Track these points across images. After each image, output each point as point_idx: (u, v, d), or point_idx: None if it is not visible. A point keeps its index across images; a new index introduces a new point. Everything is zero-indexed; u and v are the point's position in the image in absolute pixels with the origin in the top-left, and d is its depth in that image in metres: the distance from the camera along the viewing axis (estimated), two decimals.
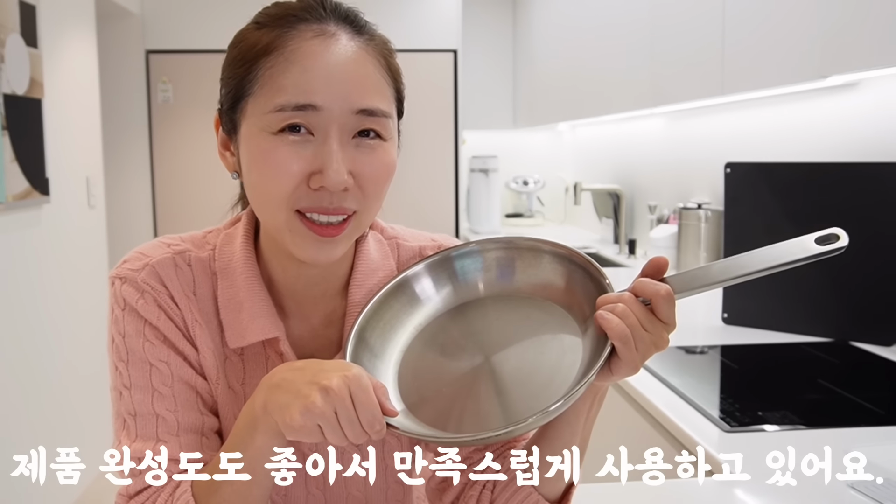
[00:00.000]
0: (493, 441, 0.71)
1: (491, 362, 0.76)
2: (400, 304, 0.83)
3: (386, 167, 0.78)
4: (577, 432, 0.79)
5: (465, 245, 0.86)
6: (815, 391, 1.45)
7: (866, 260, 1.66)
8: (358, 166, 0.75)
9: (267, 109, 0.73)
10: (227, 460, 0.74)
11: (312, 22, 0.75)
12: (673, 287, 0.71)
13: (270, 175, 0.74)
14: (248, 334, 0.82)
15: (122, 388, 0.80)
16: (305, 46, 0.74)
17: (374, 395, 0.67)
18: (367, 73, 0.76)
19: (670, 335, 0.73)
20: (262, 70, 0.74)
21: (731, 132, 2.59)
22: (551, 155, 4.76)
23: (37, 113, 2.66)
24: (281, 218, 0.75)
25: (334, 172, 0.72)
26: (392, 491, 0.91)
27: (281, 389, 0.69)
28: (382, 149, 0.77)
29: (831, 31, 1.57)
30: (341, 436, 0.67)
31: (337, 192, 0.74)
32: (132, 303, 0.81)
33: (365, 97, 0.75)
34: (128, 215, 4.06)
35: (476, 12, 4.56)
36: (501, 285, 0.83)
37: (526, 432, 0.72)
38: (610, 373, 0.72)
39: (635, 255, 3.26)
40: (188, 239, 0.87)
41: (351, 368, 0.69)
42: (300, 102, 0.72)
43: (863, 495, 1.00)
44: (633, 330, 0.69)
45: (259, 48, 0.75)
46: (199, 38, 3.97)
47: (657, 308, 0.71)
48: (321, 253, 0.76)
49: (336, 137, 0.73)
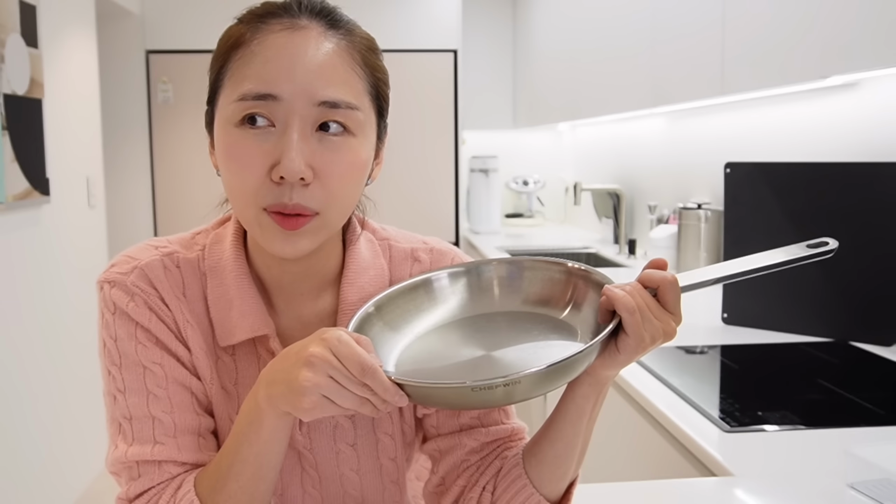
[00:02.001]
0: (494, 391, 0.65)
1: (491, 355, 0.77)
2: (422, 298, 0.84)
3: (350, 164, 0.76)
4: (580, 432, 0.79)
5: (486, 261, 0.87)
6: (815, 391, 1.45)
7: (866, 260, 1.66)
8: (319, 161, 0.74)
9: (231, 100, 0.74)
10: (233, 457, 0.74)
11: (283, 17, 0.76)
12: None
13: (234, 170, 0.74)
14: (239, 332, 0.82)
15: (116, 393, 0.80)
16: (271, 38, 0.74)
17: (355, 346, 0.67)
18: (332, 64, 0.75)
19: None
20: (232, 62, 0.75)
21: (731, 132, 2.59)
22: (551, 155, 4.76)
23: (37, 113, 2.66)
24: (251, 213, 0.76)
25: (290, 161, 0.72)
26: (388, 492, 0.90)
27: (276, 382, 0.70)
28: (348, 145, 0.76)
29: (831, 31, 1.57)
30: (350, 396, 0.67)
31: (297, 184, 0.73)
32: (122, 306, 0.80)
33: (328, 88, 0.74)
34: (128, 215, 4.06)
35: (476, 12, 4.56)
36: (510, 300, 0.84)
37: (524, 392, 0.65)
38: (617, 351, 0.72)
39: (635, 256, 3.26)
40: (176, 241, 0.87)
41: (326, 332, 0.69)
42: (260, 92, 0.73)
43: (863, 495, 1.00)
44: (640, 310, 0.70)
45: (231, 42, 0.76)
46: (199, 38, 3.97)
47: (664, 295, 0.72)
48: (287, 246, 0.75)
49: (296, 128, 0.73)
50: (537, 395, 0.68)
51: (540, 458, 0.81)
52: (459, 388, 0.66)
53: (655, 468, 1.39)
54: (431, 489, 0.89)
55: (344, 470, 0.88)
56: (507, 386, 0.64)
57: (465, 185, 4.38)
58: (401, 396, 0.67)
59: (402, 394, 0.67)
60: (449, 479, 0.88)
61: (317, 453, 0.86)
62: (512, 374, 0.64)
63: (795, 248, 0.76)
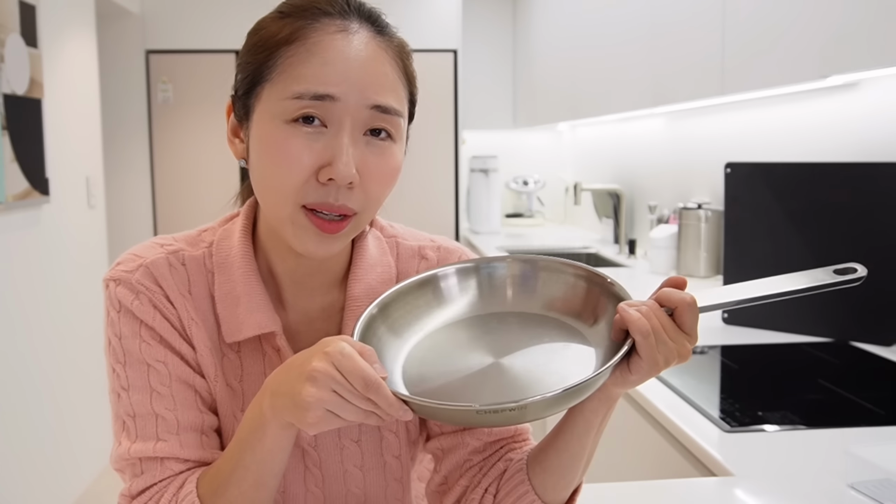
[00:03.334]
0: (500, 415, 0.64)
1: (500, 363, 0.75)
2: (428, 297, 0.83)
3: (392, 170, 0.78)
4: (587, 445, 0.79)
5: (497, 258, 0.85)
6: (815, 391, 1.45)
7: (866, 260, 1.65)
8: (365, 165, 0.75)
9: (283, 97, 0.74)
10: (236, 463, 0.74)
11: (336, 17, 0.76)
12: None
13: (281, 165, 0.74)
14: (246, 328, 0.82)
15: (121, 390, 0.80)
16: (328, 40, 0.75)
17: (358, 360, 0.66)
18: (384, 71, 0.77)
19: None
20: (281, 58, 0.75)
21: (731, 132, 2.59)
22: (551, 155, 4.76)
23: (37, 113, 2.66)
24: (286, 210, 0.76)
25: (343, 165, 0.73)
26: (391, 489, 0.91)
27: (280, 394, 0.69)
28: (391, 151, 0.78)
29: (831, 31, 1.57)
30: (354, 409, 0.66)
31: (343, 186, 0.74)
32: (127, 304, 0.81)
33: (380, 93, 0.75)
34: (128, 215, 4.06)
35: (476, 12, 4.56)
36: (523, 301, 0.82)
37: (531, 416, 0.64)
38: (629, 372, 0.71)
39: (635, 256, 3.26)
40: (181, 238, 0.87)
41: (329, 344, 0.68)
42: (318, 92, 0.73)
43: (863, 495, 1.00)
44: (655, 332, 0.68)
45: (281, 37, 0.76)
46: (199, 38, 3.98)
47: (681, 316, 0.70)
48: (320, 248, 0.76)
49: (348, 131, 0.74)
50: (545, 417, 0.67)
51: (545, 467, 0.81)
52: (465, 411, 0.65)
53: (655, 468, 1.39)
54: (434, 488, 0.89)
55: (348, 466, 0.88)
56: (512, 410, 0.63)
57: (465, 185, 4.38)
58: (405, 411, 0.67)
59: (406, 408, 0.67)
60: (451, 478, 0.88)
61: (321, 449, 0.87)
62: (520, 401, 0.63)
63: (821, 274, 0.73)
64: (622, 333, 0.71)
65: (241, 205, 0.91)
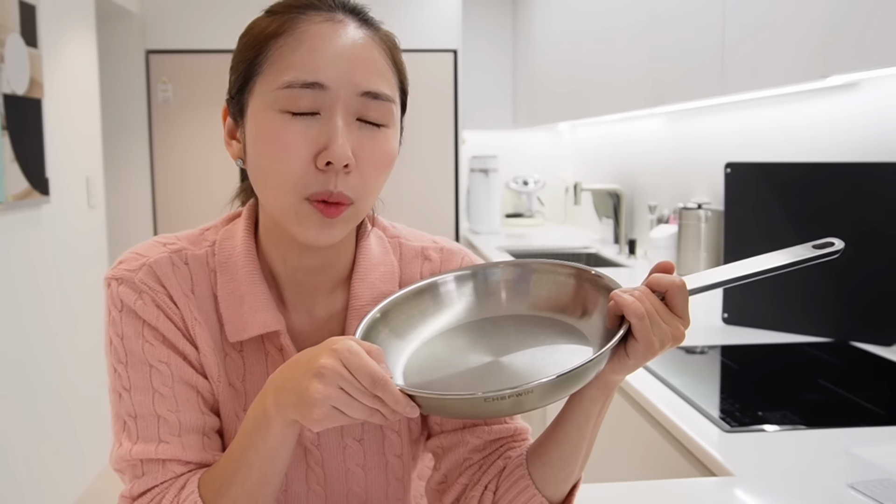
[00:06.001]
0: (505, 402, 0.65)
1: (500, 361, 0.76)
2: (427, 303, 0.84)
3: (386, 155, 0.79)
4: (586, 435, 0.79)
5: (493, 264, 0.87)
6: (815, 391, 1.45)
7: (866, 260, 1.67)
8: (361, 149, 0.76)
9: (275, 86, 0.75)
10: (238, 462, 0.74)
11: (322, 10, 0.78)
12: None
13: (278, 156, 0.75)
14: (249, 328, 0.82)
15: (122, 390, 0.80)
16: (315, 28, 0.76)
17: (366, 357, 0.67)
18: (372, 56, 0.78)
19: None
20: (271, 50, 0.76)
21: (731, 132, 2.59)
22: (551, 155, 4.76)
23: (37, 113, 2.66)
24: (288, 200, 0.76)
25: (339, 147, 0.73)
26: (392, 488, 0.91)
27: (285, 390, 0.69)
28: (384, 136, 0.78)
29: (831, 31, 1.57)
30: (361, 407, 0.66)
31: (341, 171, 0.74)
32: (130, 304, 0.80)
33: (370, 79, 0.76)
34: (128, 215, 4.06)
35: (476, 12, 4.56)
36: (517, 304, 0.84)
37: (537, 401, 0.65)
38: (626, 356, 0.72)
39: (635, 256, 3.26)
40: (184, 237, 0.87)
41: (337, 342, 0.68)
42: (308, 80, 0.74)
43: (863, 495, 1.00)
44: (649, 315, 0.70)
45: (269, 31, 0.77)
46: (199, 38, 3.97)
47: (672, 299, 0.72)
48: (322, 235, 0.77)
49: (341, 115, 0.75)
50: (548, 404, 0.67)
51: (544, 460, 0.81)
52: (471, 399, 0.66)
53: (655, 468, 1.39)
54: (433, 486, 0.89)
55: (350, 465, 0.88)
56: (518, 396, 0.64)
57: (465, 185, 4.38)
58: (412, 408, 0.67)
59: (412, 405, 0.67)
60: (451, 476, 0.88)
61: (324, 448, 0.87)
62: (523, 385, 0.64)
63: (801, 249, 0.76)
64: (617, 320, 0.73)
65: (241, 204, 0.91)
